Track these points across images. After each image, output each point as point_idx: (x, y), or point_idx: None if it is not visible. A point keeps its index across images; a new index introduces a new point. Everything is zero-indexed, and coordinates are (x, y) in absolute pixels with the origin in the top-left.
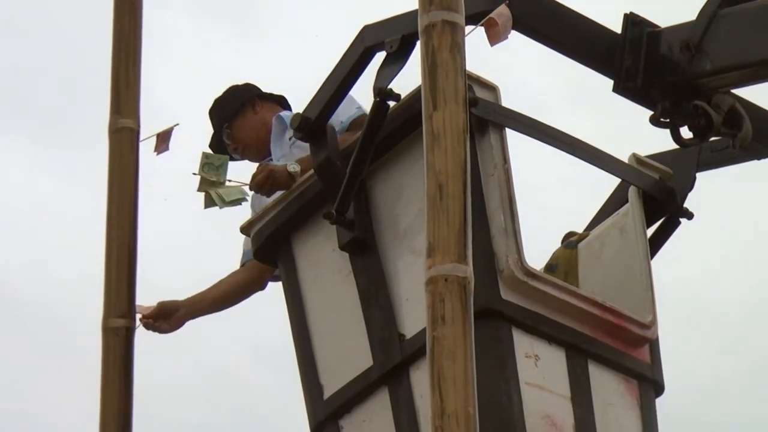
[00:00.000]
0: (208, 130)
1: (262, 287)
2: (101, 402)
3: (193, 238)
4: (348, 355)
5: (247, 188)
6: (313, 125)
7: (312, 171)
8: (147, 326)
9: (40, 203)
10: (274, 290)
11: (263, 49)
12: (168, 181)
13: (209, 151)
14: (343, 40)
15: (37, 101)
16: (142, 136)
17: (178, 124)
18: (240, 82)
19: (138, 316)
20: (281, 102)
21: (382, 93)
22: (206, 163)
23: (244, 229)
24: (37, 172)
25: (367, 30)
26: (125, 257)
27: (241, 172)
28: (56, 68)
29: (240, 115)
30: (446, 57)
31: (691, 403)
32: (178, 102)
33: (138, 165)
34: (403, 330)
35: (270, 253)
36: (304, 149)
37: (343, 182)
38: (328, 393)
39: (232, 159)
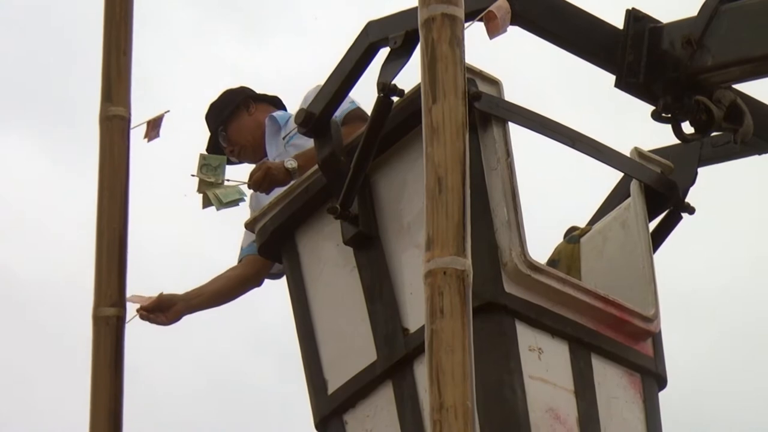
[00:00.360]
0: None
1: (259, 284)
2: (91, 391)
3: (190, 230)
4: (352, 349)
5: (245, 187)
6: (317, 121)
7: (316, 166)
8: (143, 317)
9: (30, 191)
10: (278, 286)
11: (263, 40)
12: (165, 171)
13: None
14: (347, 34)
15: (28, 89)
16: (133, 125)
17: (168, 111)
18: (234, 85)
19: (137, 305)
20: (275, 102)
21: (385, 89)
22: (204, 164)
23: (249, 225)
24: (27, 160)
25: (371, 26)
26: (116, 246)
27: (239, 172)
28: (47, 56)
29: (235, 118)
30: (446, 50)
31: (691, 396)
32: (176, 92)
33: (129, 153)
34: (407, 324)
35: (274, 249)
36: (298, 148)
37: (347, 177)
38: (332, 388)
39: (230, 162)
